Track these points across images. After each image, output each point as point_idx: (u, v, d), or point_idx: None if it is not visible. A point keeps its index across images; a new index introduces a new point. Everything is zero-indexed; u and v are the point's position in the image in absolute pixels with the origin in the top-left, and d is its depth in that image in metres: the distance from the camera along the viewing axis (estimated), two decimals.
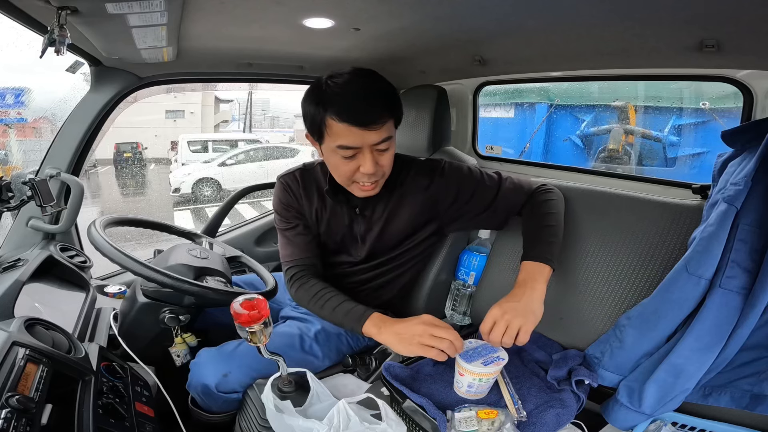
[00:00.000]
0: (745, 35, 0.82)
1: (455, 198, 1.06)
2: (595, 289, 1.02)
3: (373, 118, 0.87)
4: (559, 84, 3.69)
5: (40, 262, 1.04)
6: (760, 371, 0.78)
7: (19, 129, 2.46)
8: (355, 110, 0.86)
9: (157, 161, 9.07)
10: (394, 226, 1.07)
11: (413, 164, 1.09)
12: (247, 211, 4.66)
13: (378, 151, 0.92)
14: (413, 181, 1.06)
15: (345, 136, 0.88)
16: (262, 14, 0.98)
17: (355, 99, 0.87)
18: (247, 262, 1.24)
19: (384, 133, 0.90)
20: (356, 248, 1.11)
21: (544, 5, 0.87)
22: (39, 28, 0.86)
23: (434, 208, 1.07)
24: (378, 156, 0.93)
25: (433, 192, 1.05)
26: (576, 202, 1.12)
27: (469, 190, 1.06)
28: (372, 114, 0.87)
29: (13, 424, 0.53)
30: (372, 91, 0.89)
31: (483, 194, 1.06)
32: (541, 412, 0.83)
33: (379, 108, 0.88)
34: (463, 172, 1.07)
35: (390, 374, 0.91)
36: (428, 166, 1.08)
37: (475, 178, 1.07)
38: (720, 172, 0.88)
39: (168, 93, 9.17)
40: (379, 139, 0.89)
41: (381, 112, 0.88)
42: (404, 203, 1.06)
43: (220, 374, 0.96)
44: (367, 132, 0.87)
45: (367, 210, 1.07)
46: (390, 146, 0.93)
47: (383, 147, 0.92)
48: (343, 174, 0.95)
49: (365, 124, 0.86)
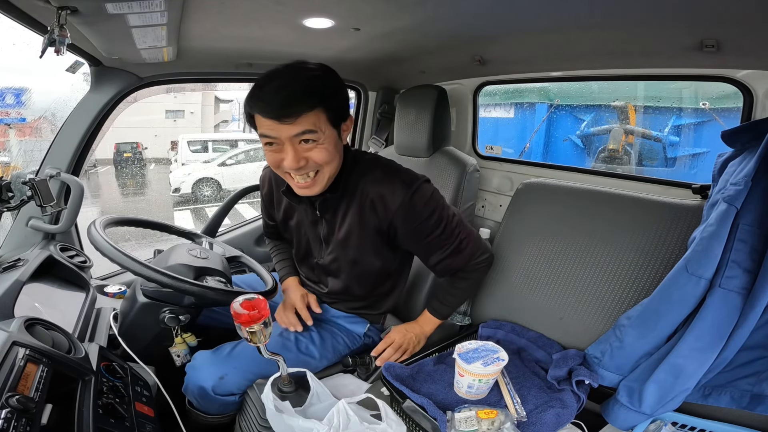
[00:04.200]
0: (745, 35, 0.82)
1: (397, 232, 1.00)
2: (595, 289, 1.02)
3: (287, 111, 0.84)
4: (559, 84, 3.69)
5: (40, 262, 1.04)
6: (760, 371, 0.78)
7: (19, 129, 2.46)
8: (268, 101, 0.85)
9: (157, 161, 9.07)
10: (358, 232, 1.01)
11: (372, 169, 0.99)
12: (247, 211, 4.66)
13: (304, 144, 0.88)
14: (364, 187, 0.98)
15: (263, 126, 0.88)
16: (262, 14, 0.98)
17: (270, 90, 0.86)
18: (246, 262, 1.24)
19: (303, 125, 0.86)
20: (320, 250, 1.11)
21: (544, 5, 0.87)
22: (39, 28, 0.86)
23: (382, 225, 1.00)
24: (304, 150, 0.89)
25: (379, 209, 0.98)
26: (576, 202, 1.12)
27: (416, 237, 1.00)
28: (286, 106, 0.84)
29: (13, 424, 0.53)
30: (291, 82, 0.86)
31: (427, 247, 1.02)
32: (541, 412, 0.83)
33: (295, 100, 0.84)
34: (421, 220, 0.97)
35: (390, 374, 0.91)
36: (388, 184, 0.96)
37: (428, 231, 0.99)
38: (720, 172, 0.88)
39: (168, 93, 9.17)
40: (297, 132, 0.86)
41: (297, 105, 0.84)
42: (352, 210, 1.00)
43: (217, 377, 0.96)
44: (281, 124, 0.85)
45: (327, 213, 1.03)
46: (318, 139, 0.88)
47: (306, 139, 0.87)
48: (271, 163, 0.93)
49: (278, 117, 0.85)
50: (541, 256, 1.12)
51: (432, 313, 1.15)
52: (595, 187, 1.13)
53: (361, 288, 1.12)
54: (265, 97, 0.86)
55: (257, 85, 0.88)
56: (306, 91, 0.86)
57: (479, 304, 1.22)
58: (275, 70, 0.88)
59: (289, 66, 0.89)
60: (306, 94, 0.86)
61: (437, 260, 1.04)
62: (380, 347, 1.11)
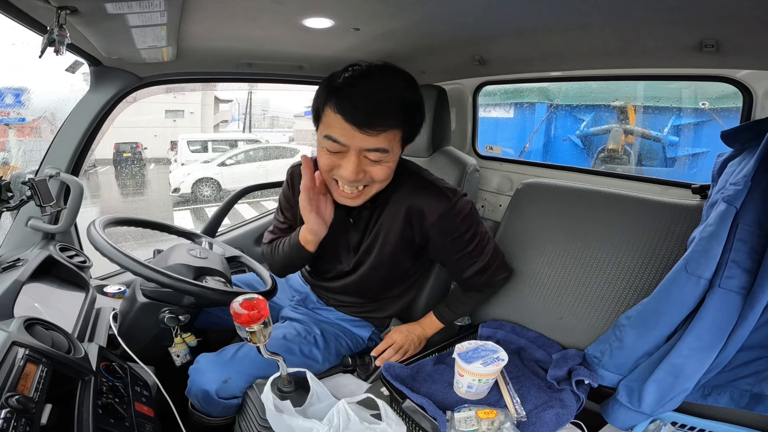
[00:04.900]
0: (745, 35, 0.82)
1: (429, 244, 0.99)
2: (594, 289, 1.02)
3: (371, 121, 0.78)
4: (558, 84, 3.69)
5: (39, 262, 1.03)
6: (760, 371, 0.78)
7: (19, 129, 2.45)
8: (354, 106, 0.78)
9: (157, 161, 9.05)
10: (384, 240, 1.00)
11: (412, 180, 0.96)
12: (247, 211, 4.66)
13: (368, 160, 0.83)
14: (402, 197, 0.95)
15: (335, 128, 0.80)
16: (261, 14, 0.98)
17: (360, 95, 0.78)
18: (246, 261, 1.23)
19: (380, 142, 0.80)
20: (347, 257, 1.07)
21: (545, 5, 0.87)
22: (39, 28, 0.86)
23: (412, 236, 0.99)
24: (367, 164, 0.84)
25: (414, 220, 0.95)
26: (576, 202, 1.12)
27: (450, 251, 0.99)
28: (372, 116, 0.78)
29: (13, 424, 0.53)
30: (384, 92, 0.79)
31: (458, 261, 1.00)
32: (541, 412, 0.83)
33: (383, 113, 0.78)
34: (458, 234, 0.95)
35: (390, 374, 0.91)
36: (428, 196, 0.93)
37: (461, 246, 0.97)
38: (719, 172, 0.88)
39: (168, 93, 9.15)
40: (371, 147, 0.80)
41: (383, 118, 0.78)
42: (386, 218, 0.98)
43: (220, 380, 0.95)
44: (360, 134, 0.79)
45: (360, 222, 1.01)
46: (384, 159, 0.83)
47: (374, 158, 0.82)
48: (323, 165, 0.87)
49: (359, 125, 0.78)
50: (540, 256, 1.12)
51: (438, 317, 1.14)
52: (594, 187, 1.13)
53: (373, 291, 1.12)
54: (354, 99, 0.77)
55: (347, 81, 0.79)
56: (398, 106, 0.80)
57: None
58: (367, 70, 0.80)
59: (381, 68, 0.81)
60: (397, 109, 0.80)
61: (468, 275, 1.03)
62: (380, 347, 1.11)
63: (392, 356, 1.09)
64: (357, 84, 0.79)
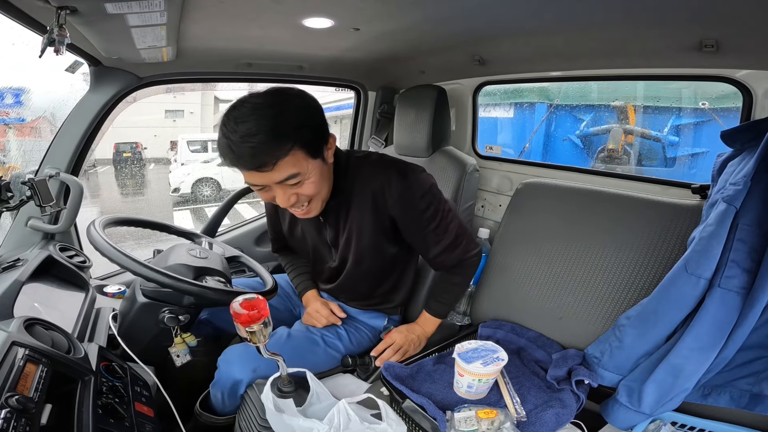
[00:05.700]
0: (745, 35, 0.82)
1: (397, 224, 1.01)
2: (594, 289, 1.02)
3: (260, 163, 0.80)
4: (558, 84, 3.69)
5: (39, 262, 1.03)
6: (759, 371, 0.78)
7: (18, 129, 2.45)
8: (238, 157, 0.80)
9: (157, 161, 9.05)
10: (359, 232, 1.03)
11: (367, 166, 0.99)
12: (247, 211, 4.66)
13: (289, 186, 0.86)
14: (362, 185, 0.98)
15: (244, 175, 0.85)
16: (261, 14, 0.98)
17: (238, 144, 0.79)
18: (246, 262, 1.23)
19: (283, 171, 0.82)
20: (330, 254, 1.13)
21: (544, 5, 0.87)
22: (38, 28, 0.86)
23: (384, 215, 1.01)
24: (292, 189, 0.87)
25: (378, 203, 0.98)
26: (575, 202, 1.12)
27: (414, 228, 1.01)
28: (255, 159, 0.79)
29: (13, 424, 0.53)
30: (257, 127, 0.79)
31: (425, 239, 1.02)
32: (541, 412, 0.83)
33: (267, 149, 0.79)
34: (419, 211, 0.97)
35: (390, 374, 0.91)
36: (384, 177, 0.96)
37: (425, 223, 0.99)
38: (719, 172, 0.88)
39: (168, 93, 9.15)
40: (279, 179, 0.83)
41: (268, 156, 0.80)
42: (354, 210, 1.01)
43: (250, 369, 0.98)
44: (262, 174, 0.82)
45: (330, 218, 1.05)
46: (303, 179, 0.86)
47: (292, 182, 0.85)
48: (265, 201, 0.94)
49: (254, 169, 0.81)
50: (540, 256, 1.12)
51: (430, 312, 1.15)
52: (594, 187, 1.13)
53: (367, 285, 1.14)
54: (237, 151, 0.80)
55: (223, 133, 0.81)
56: (275, 134, 0.79)
57: (479, 304, 1.22)
58: (239, 113, 0.81)
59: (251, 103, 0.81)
60: (276, 138, 0.79)
61: (435, 253, 1.05)
62: (380, 347, 1.11)
63: (392, 356, 1.09)
64: (232, 134, 0.80)
